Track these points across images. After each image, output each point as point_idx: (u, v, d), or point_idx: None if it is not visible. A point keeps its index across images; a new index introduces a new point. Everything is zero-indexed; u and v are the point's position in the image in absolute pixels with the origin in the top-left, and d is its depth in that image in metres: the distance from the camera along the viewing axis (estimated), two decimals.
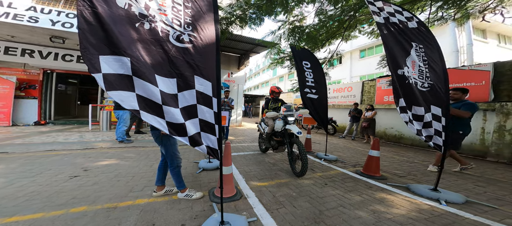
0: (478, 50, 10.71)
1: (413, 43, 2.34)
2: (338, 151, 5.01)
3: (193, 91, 1.41)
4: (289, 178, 2.85)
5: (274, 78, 33.72)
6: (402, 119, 2.50)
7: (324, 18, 4.89)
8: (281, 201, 2.11)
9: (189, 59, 1.40)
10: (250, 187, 2.48)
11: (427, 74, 2.31)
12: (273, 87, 3.91)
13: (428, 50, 2.32)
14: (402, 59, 2.36)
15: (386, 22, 2.44)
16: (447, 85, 2.20)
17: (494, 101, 4.76)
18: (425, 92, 2.30)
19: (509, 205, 2.18)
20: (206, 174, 2.90)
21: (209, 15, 1.49)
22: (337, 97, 10.31)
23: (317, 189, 2.46)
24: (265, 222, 1.73)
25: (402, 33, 2.39)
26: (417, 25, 2.38)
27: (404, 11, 2.46)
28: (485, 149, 4.75)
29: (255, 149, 4.77)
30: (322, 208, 1.99)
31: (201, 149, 1.45)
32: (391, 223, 1.75)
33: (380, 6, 2.52)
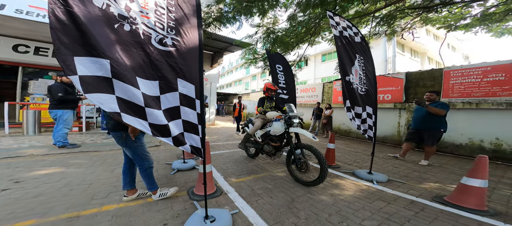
0: (399, 61, 13.77)
1: (357, 55, 2.95)
2: None
3: (176, 93, 1.46)
4: (265, 172, 3.12)
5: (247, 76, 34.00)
6: (348, 116, 3.10)
7: (295, 23, 5.38)
8: (259, 193, 2.34)
9: (172, 63, 1.44)
10: (230, 184, 2.62)
11: (364, 81, 2.97)
12: (268, 84, 3.41)
13: (366, 62, 3.00)
14: (349, 67, 2.94)
15: (340, 35, 2.96)
16: (376, 90, 2.96)
17: (405, 102, 6.30)
18: (363, 95, 2.97)
19: (412, 180, 3.03)
20: (182, 175, 2.87)
21: (192, 20, 1.54)
22: (303, 97, 11.38)
23: (289, 182, 2.79)
24: (246, 212, 1.91)
25: (350, 46, 2.96)
26: (360, 40, 3.01)
27: (353, 26, 3.05)
28: (400, 138, 6.27)
29: (231, 147, 4.88)
30: (294, 196, 2.32)
31: (185, 148, 1.50)
32: (344, 202, 2.21)
33: (337, 20, 3.03)
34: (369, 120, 2.97)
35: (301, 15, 5.29)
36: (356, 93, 2.95)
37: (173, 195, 2.12)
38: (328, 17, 3.06)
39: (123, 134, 1.80)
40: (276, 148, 3.07)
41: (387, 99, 6.87)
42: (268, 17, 5.68)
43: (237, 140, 6.13)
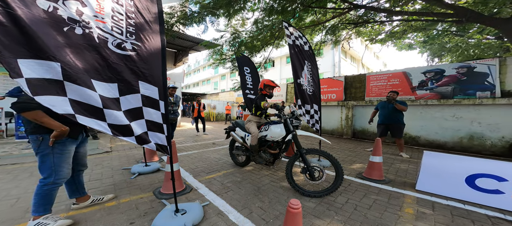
0: (343, 66, 16.55)
1: (306, 61, 3.53)
2: None
3: (138, 95, 1.53)
4: (234, 168, 3.33)
5: (216, 76, 33.15)
6: (299, 112, 3.64)
7: (261, 26, 5.74)
8: (228, 186, 2.54)
9: (132, 66, 1.50)
10: (199, 181, 2.72)
11: (311, 83, 3.61)
12: (266, 81, 2.90)
13: (312, 67, 3.65)
14: (300, 72, 3.50)
15: (293, 44, 3.47)
16: (320, 90, 3.64)
17: (345, 100, 7.75)
18: (311, 95, 3.60)
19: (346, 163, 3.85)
20: (144, 178, 2.79)
21: (154, 27, 1.60)
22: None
23: (256, 173, 3.09)
24: (217, 203, 2.08)
25: (300, 53, 3.52)
26: (308, 48, 3.61)
27: (303, 37, 3.61)
28: (341, 131, 7.69)
29: (200, 148, 4.86)
30: (260, 185, 2.62)
31: (150, 146, 1.58)
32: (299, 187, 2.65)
33: (291, 31, 3.52)
34: (315, 116, 3.61)
35: (267, 19, 5.70)
36: (305, 93, 3.53)
37: None
38: (284, 27, 3.50)
39: (39, 137, 1.52)
40: (274, 155, 2.63)
41: (333, 98, 8.20)
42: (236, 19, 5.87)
43: (205, 140, 6.08)
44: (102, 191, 2.34)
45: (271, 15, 5.30)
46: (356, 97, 7.58)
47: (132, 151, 4.38)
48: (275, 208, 2.00)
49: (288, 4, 4.68)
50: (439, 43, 8.55)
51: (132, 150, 4.52)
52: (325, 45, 7.56)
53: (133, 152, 4.33)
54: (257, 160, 2.78)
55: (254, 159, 2.85)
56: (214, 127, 10.26)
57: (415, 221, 1.78)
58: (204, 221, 1.78)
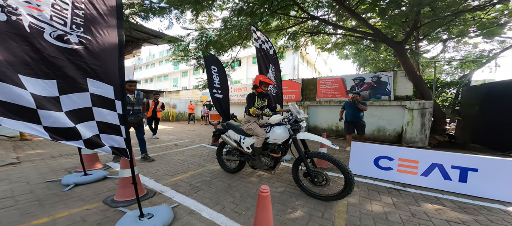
0: (301, 69, 18.68)
1: (270, 64, 3.87)
2: None
3: (86, 94, 1.37)
4: (201, 168, 3.27)
5: (176, 72, 30.16)
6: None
7: (230, 25, 5.68)
8: (198, 186, 2.51)
9: (78, 62, 1.33)
10: (163, 184, 2.56)
11: (275, 85, 4.00)
12: (262, 77, 2.59)
13: (276, 70, 4.05)
14: (265, 74, 3.81)
15: (260, 48, 3.71)
16: (282, 92, 4.05)
17: (301, 100, 8.90)
18: (274, 96, 4.00)
19: None
20: (86, 188, 2.39)
21: (110, 21, 1.44)
22: (237, 95, 12.25)
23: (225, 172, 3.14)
24: (187, 203, 2.04)
25: (266, 57, 3.82)
26: (273, 53, 3.96)
27: (268, 41, 3.91)
28: None
29: (159, 151, 4.44)
30: (230, 182, 2.70)
31: (105, 150, 1.45)
32: (266, 180, 2.85)
33: (259, 35, 3.74)
34: None
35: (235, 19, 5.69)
36: (270, 95, 3.87)
37: None
38: (252, 31, 3.68)
39: None
40: (276, 159, 2.43)
41: (292, 98, 9.19)
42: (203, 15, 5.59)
43: (164, 142, 5.58)
44: (20, 211, 1.84)
45: (240, 16, 5.37)
46: (309, 98, 8.73)
47: (58, 160, 3.49)
48: (246, 201, 2.16)
49: (257, 7, 4.87)
50: (363, 56, 10.93)
51: (56, 158, 3.59)
52: (287, 49, 8.33)
53: (58, 160, 3.46)
54: (257, 164, 2.46)
55: (255, 164, 2.50)
56: (175, 128, 9.43)
57: (350, 197, 2.29)
58: (176, 221, 1.74)
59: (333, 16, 6.78)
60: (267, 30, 6.98)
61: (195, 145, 5.28)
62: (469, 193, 2.43)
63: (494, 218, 1.91)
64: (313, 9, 6.48)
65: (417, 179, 2.68)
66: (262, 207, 1.12)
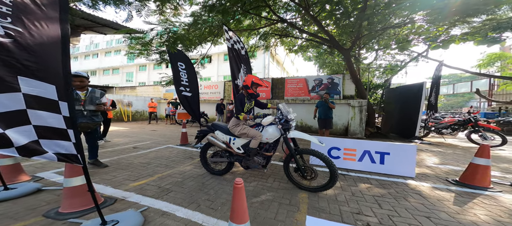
0: (271, 68, 19.80)
1: (242, 64, 4.00)
2: None
3: (18, 94, 1.19)
4: (170, 169, 3.02)
5: (131, 66, 26.33)
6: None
7: (199, 21, 5.42)
8: (168, 188, 2.32)
9: (4, 57, 1.14)
10: (124, 190, 2.25)
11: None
12: (254, 78, 2.54)
13: (248, 70, 4.21)
14: (237, 73, 3.92)
15: (232, 48, 3.79)
16: None
17: (271, 99, 9.52)
18: None
19: None
20: (12, 204, 1.87)
21: (50, 12, 1.24)
22: (207, 93, 11.76)
23: (198, 171, 3.03)
24: (158, 206, 1.87)
25: (238, 57, 3.93)
26: (244, 53, 4.10)
27: (240, 42, 4.03)
28: None
29: (113, 155, 3.81)
30: (204, 181, 2.62)
31: (48, 157, 1.27)
32: (238, 174, 2.94)
33: (231, 35, 3.81)
34: None
35: (206, 15, 5.50)
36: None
37: None
38: (224, 31, 3.71)
39: None
40: (268, 158, 2.48)
41: (263, 97, 9.64)
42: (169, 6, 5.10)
43: (119, 145, 4.83)
44: None
45: (211, 13, 5.25)
46: (278, 96, 9.37)
47: None
48: (221, 197, 2.16)
49: (230, 5, 4.88)
50: (323, 59, 12.59)
51: None
52: (258, 49, 8.70)
53: None
54: (251, 164, 2.46)
55: (248, 164, 2.47)
56: (131, 128, 8.19)
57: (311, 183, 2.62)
58: (147, 224, 1.58)
59: (300, 20, 7.55)
60: (239, 29, 7.13)
61: (161, 146, 4.79)
62: (386, 172, 3.03)
63: (399, 189, 2.50)
64: (283, 12, 7.00)
65: (355, 164, 3.27)
66: (237, 197, 1.17)
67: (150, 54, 5.46)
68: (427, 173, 3.15)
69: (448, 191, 2.48)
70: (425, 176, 3.03)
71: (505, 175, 3.17)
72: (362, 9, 5.35)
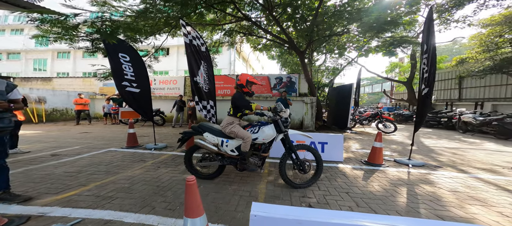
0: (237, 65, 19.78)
1: (202, 61, 3.85)
2: (168, 139, 5.44)
3: None
4: (113, 176, 2.54)
5: (43, 51, 19.90)
6: (197, 108, 3.95)
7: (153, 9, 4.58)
8: (111, 196, 1.96)
9: None
10: (43, 204, 1.75)
11: (207, 82, 3.99)
12: (249, 77, 2.52)
13: (208, 67, 4.00)
14: (196, 70, 3.72)
15: (190, 43, 3.58)
16: (215, 88, 4.10)
17: None
18: (207, 92, 3.98)
19: None
20: None
21: None
22: (163, 88, 10.43)
23: (152, 173, 2.70)
24: (98, 215, 1.56)
25: (197, 53, 3.75)
26: (205, 50, 3.95)
27: (200, 38, 3.85)
28: None
29: (14, 168, 2.82)
30: (159, 183, 2.37)
31: None
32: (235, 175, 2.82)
33: (189, 30, 3.57)
34: (212, 110, 4.07)
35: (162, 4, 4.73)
36: (202, 91, 3.82)
37: None
38: (181, 25, 3.43)
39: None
40: (264, 158, 2.43)
41: (228, 93, 9.56)
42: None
43: (34, 153, 3.61)
44: None
45: (168, 2, 4.59)
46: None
47: None
48: (180, 197, 2.03)
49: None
50: (284, 58, 13.70)
51: None
52: (223, 45, 8.47)
53: None
54: (248, 167, 2.36)
55: (245, 166, 2.36)
56: (47, 132, 6.17)
57: (268, 176, 2.72)
58: None
59: (264, 20, 7.89)
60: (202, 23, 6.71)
61: (98, 150, 3.89)
62: (326, 158, 3.30)
63: (332, 172, 2.91)
64: (249, 10, 7.08)
65: (304, 154, 3.69)
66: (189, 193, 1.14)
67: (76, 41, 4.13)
68: (351, 157, 3.94)
69: (361, 170, 3.08)
70: (349, 159, 3.77)
71: (392, 153, 4.27)
72: (314, 16, 6.22)
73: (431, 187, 2.46)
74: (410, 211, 1.87)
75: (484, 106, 10.99)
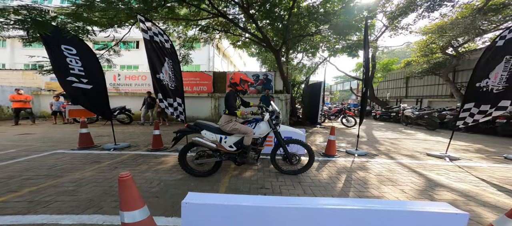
0: (216, 61, 19.26)
1: (166, 58, 3.64)
2: (134, 138, 5.09)
3: None
4: (54, 180, 2.31)
5: None
6: (161, 106, 3.73)
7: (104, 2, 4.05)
8: (49, 200, 1.80)
9: None
10: None
11: (173, 79, 3.79)
12: (243, 76, 2.63)
13: (174, 64, 3.79)
14: (159, 67, 3.54)
15: (151, 40, 3.40)
16: (183, 85, 3.87)
17: (213, 92, 9.50)
18: (173, 90, 3.79)
19: None
20: None
21: None
22: (130, 84, 9.59)
23: (106, 174, 2.54)
24: (28, 220, 1.43)
25: (160, 50, 3.53)
26: (170, 47, 3.72)
27: (164, 34, 3.66)
28: (212, 118, 9.34)
29: None
30: (112, 184, 2.25)
31: None
32: (163, 171, 2.70)
33: (148, 26, 3.39)
34: (179, 108, 3.91)
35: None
36: (167, 88, 3.65)
37: None
38: (139, 21, 3.22)
39: None
40: (260, 152, 2.66)
41: (204, 90, 9.32)
42: None
43: None
44: None
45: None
46: (221, 90, 9.36)
47: None
48: None
49: None
50: (264, 56, 13.88)
51: None
52: (198, 41, 8.14)
53: None
54: (247, 160, 2.52)
55: (245, 160, 2.52)
56: None
57: (233, 171, 2.75)
58: None
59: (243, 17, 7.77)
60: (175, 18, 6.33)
61: (40, 153, 3.43)
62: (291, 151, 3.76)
63: None
64: (225, 6, 6.87)
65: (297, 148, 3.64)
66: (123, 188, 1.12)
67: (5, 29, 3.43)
68: (314, 150, 4.33)
69: (317, 161, 3.31)
70: None
71: (347, 145, 4.74)
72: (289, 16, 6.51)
73: (364, 172, 2.85)
74: (342, 194, 2.16)
75: (423, 102, 13.24)
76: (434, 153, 3.91)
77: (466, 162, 3.46)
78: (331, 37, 8.39)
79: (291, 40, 7.98)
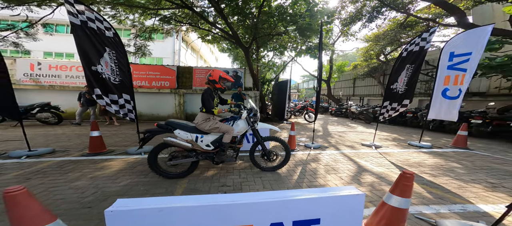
0: (183, 54, 17.50)
1: (107, 48, 3.04)
2: (62, 141, 4.12)
3: None
4: None
5: None
6: (100, 103, 3.19)
7: None
8: None
9: None
10: None
11: (117, 72, 3.21)
12: (222, 74, 2.54)
13: (118, 56, 3.18)
14: (96, 59, 2.95)
15: (83, 26, 2.76)
16: (131, 80, 3.31)
17: (177, 88, 8.69)
18: (117, 84, 3.23)
19: None
20: None
21: None
22: (59, 76, 7.66)
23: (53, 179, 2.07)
24: None
25: (97, 38, 2.92)
26: (113, 35, 3.09)
27: (104, 21, 2.99)
28: (176, 116, 8.60)
29: None
30: None
31: None
32: (104, 177, 2.36)
33: (81, 9, 2.72)
34: (128, 105, 3.35)
35: None
36: (109, 82, 3.10)
37: None
38: (65, 2, 2.57)
39: None
40: (238, 150, 2.63)
41: (166, 85, 8.35)
42: None
43: None
44: None
45: None
46: (186, 86, 8.58)
47: None
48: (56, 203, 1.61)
49: None
50: (236, 52, 13.45)
51: None
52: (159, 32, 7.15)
53: None
54: (225, 159, 2.49)
55: (223, 158, 2.47)
56: None
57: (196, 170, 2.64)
58: None
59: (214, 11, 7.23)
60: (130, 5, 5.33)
61: None
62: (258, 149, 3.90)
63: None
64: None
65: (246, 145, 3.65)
66: (12, 208, 0.92)
67: None
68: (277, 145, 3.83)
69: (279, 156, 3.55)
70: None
71: (306, 139, 5.09)
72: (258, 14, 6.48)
73: (316, 164, 3.10)
74: (296, 185, 2.30)
75: (364, 100, 16.02)
76: (366, 143, 4.71)
77: (385, 149, 4.23)
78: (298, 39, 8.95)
79: (261, 38, 8.07)
